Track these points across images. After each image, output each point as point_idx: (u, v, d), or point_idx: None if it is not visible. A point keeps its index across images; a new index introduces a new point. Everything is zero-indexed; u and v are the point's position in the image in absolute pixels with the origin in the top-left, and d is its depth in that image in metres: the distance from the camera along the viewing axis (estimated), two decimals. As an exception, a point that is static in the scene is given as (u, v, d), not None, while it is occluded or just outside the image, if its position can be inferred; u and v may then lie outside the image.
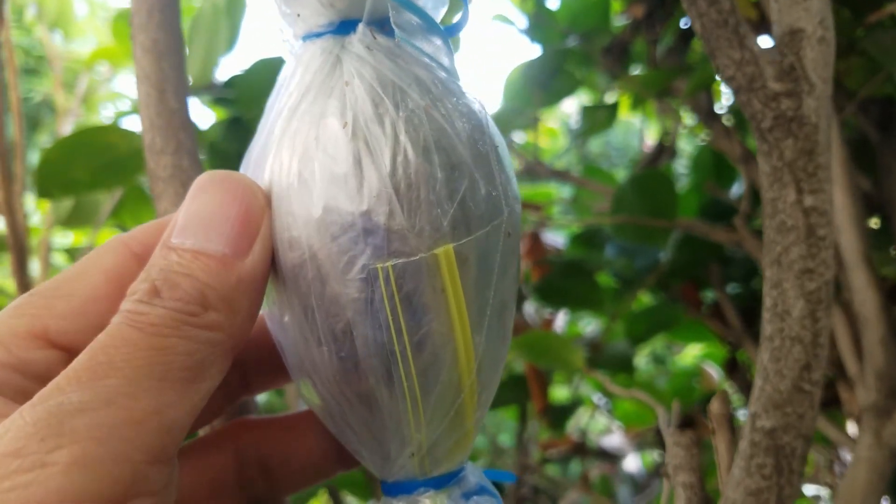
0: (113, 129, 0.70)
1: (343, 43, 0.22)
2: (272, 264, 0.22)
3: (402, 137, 0.21)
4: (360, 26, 0.22)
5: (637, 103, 0.77)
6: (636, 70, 0.86)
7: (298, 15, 0.22)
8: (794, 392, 0.32)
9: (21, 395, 0.22)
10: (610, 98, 0.87)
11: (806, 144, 0.33)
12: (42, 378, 0.22)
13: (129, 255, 0.25)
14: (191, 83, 0.85)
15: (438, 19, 0.24)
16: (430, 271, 0.21)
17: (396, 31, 0.22)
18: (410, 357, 0.21)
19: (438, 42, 0.23)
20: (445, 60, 0.23)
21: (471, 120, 0.22)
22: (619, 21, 0.85)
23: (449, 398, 0.22)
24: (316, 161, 0.21)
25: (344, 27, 0.22)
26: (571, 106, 1.33)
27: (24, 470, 0.18)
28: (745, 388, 0.88)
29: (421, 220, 0.20)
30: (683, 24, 0.71)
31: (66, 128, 0.95)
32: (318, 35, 0.22)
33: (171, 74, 0.34)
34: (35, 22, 0.98)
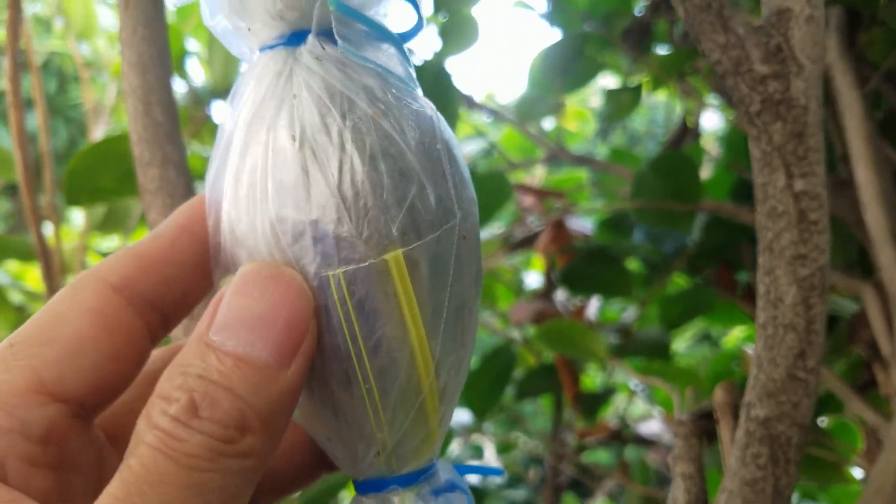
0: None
1: (294, 54, 0.22)
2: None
3: (349, 146, 0.21)
4: (310, 38, 0.22)
5: (657, 84, 0.75)
6: (660, 51, 0.84)
7: (249, 29, 0.23)
8: (789, 380, 0.32)
9: (27, 464, 0.22)
10: (634, 81, 0.86)
11: (795, 127, 0.32)
12: (45, 439, 0.22)
13: (109, 292, 0.23)
14: (213, 86, 0.86)
15: (393, 25, 0.24)
16: (381, 277, 0.21)
17: (340, 41, 0.22)
18: (367, 361, 0.22)
19: (391, 50, 0.23)
20: (399, 67, 0.23)
21: (420, 126, 0.22)
22: (638, 3, 0.84)
23: (409, 399, 0.22)
24: (267, 173, 0.21)
25: (295, 38, 0.23)
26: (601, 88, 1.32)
27: None
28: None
29: (370, 227, 0.21)
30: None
31: (97, 135, 0.98)
32: (271, 47, 0.23)
33: (156, 87, 0.34)
34: (63, 34, 1.00)
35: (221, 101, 0.90)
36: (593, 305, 0.97)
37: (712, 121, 0.99)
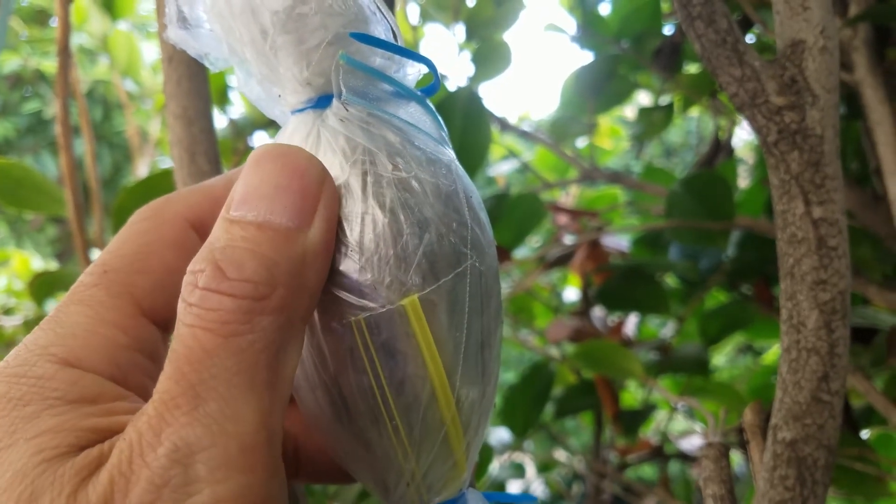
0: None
1: (321, 116, 0.24)
2: None
3: (371, 200, 0.23)
4: (334, 101, 0.24)
5: (687, 104, 0.76)
6: (690, 70, 0.85)
7: (280, 95, 0.25)
8: (813, 403, 0.33)
9: (147, 377, 0.23)
10: (665, 99, 0.86)
11: (812, 156, 0.33)
12: (153, 356, 0.23)
13: (186, 227, 0.25)
14: (253, 118, 0.89)
15: (413, 83, 0.26)
16: (402, 320, 0.23)
17: (363, 100, 0.24)
18: (391, 399, 0.23)
19: (414, 105, 0.25)
20: (423, 121, 0.25)
21: (439, 176, 0.24)
22: (668, 22, 0.84)
23: (433, 432, 0.24)
24: None
25: (322, 102, 0.24)
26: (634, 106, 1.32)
27: None
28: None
29: (390, 275, 0.22)
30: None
31: (143, 168, 1.02)
32: (301, 110, 0.25)
33: (200, 139, 0.37)
34: (108, 71, 1.04)
35: (262, 132, 0.93)
36: (631, 322, 0.98)
37: (747, 131, 0.99)
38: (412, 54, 0.25)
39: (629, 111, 1.44)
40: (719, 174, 0.71)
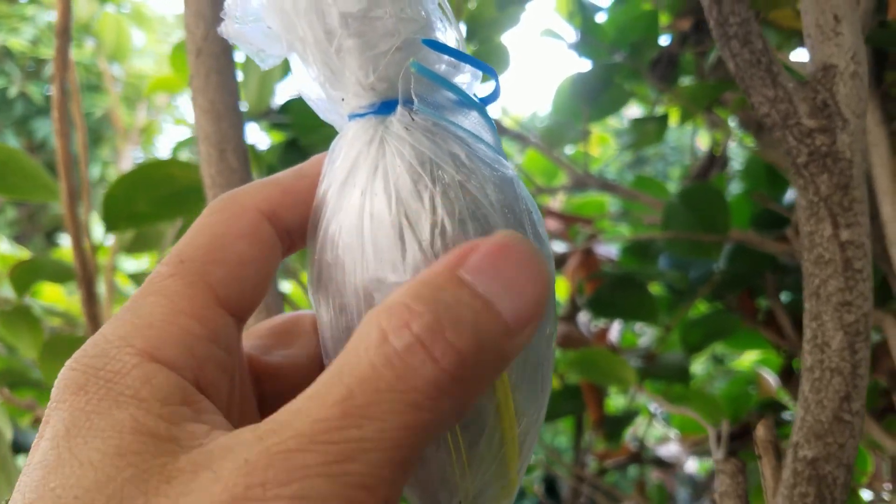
0: (172, 163, 0.74)
1: (385, 122, 0.24)
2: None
3: (440, 210, 0.22)
4: (399, 108, 0.24)
5: (685, 117, 0.77)
6: (685, 82, 0.86)
7: (343, 98, 0.24)
8: (835, 422, 0.33)
9: (221, 371, 0.23)
10: (659, 110, 0.87)
11: (841, 179, 0.34)
12: (228, 347, 0.23)
13: (261, 218, 0.25)
14: (247, 109, 0.88)
15: (472, 92, 0.26)
16: None
17: (427, 108, 0.23)
18: None
19: (475, 115, 0.25)
20: (483, 131, 0.25)
21: (503, 189, 0.24)
22: (666, 34, 0.85)
23: (493, 449, 0.24)
24: (364, 235, 0.23)
25: (385, 107, 0.24)
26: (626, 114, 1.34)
27: None
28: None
29: None
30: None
31: (126, 154, 1.00)
32: (362, 115, 0.24)
33: (230, 135, 0.36)
34: (95, 53, 1.02)
35: (255, 123, 0.92)
36: (615, 329, 0.99)
37: (740, 145, 1.00)
38: (477, 62, 0.25)
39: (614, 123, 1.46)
40: (716, 188, 0.72)
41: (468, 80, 0.26)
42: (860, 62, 0.35)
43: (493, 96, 0.26)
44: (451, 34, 0.25)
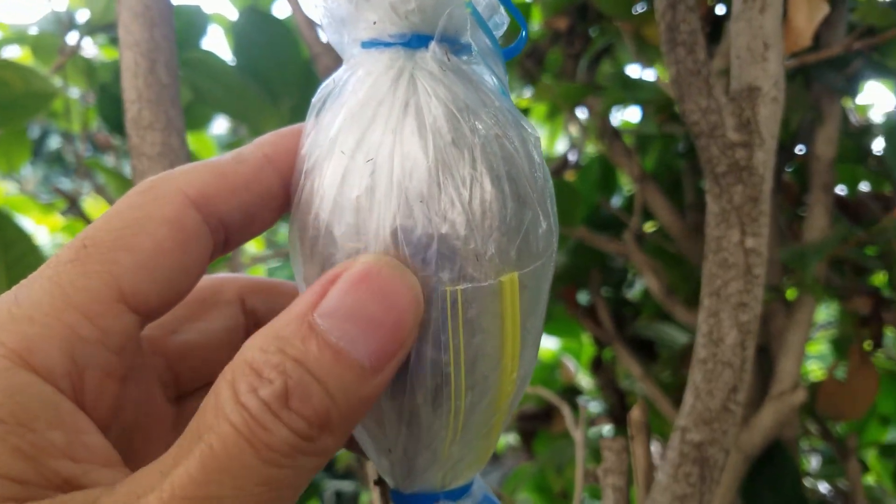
0: (5, 65, 0.65)
1: (415, 58, 0.22)
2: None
3: (480, 165, 0.21)
4: (433, 44, 0.22)
5: (554, 113, 0.80)
6: (546, 79, 0.89)
7: (374, 22, 0.22)
8: (723, 411, 0.36)
9: (104, 374, 0.21)
10: (520, 104, 0.90)
11: (753, 192, 0.37)
12: (120, 350, 0.21)
13: (188, 205, 0.23)
14: (89, 19, 0.80)
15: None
16: (493, 298, 0.21)
17: (475, 49, 0.22)
18: (463, 378, 0.22)
19: (501, 66, 0.24)
20: (506, 83, 0.24)
21: (529, 152, 0.23)
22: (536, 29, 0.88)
23: (488, 416, 0.23)
24: (393, 177, 0.21)
25: (415, 41, 0.22)
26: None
27: None
28: (607, 383, 0.95)
29: (492, 248, 0.21)
30: (601, 46, 0.75)
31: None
32: (385, 45, 0.22)
33: (163, 46, 0.32)
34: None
35: (91, 36, 0.83)
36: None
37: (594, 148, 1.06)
38: (514, 8, 0.24)
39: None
40: (571, 184, 0.75)
41: (501, 26, 0.24)
42: (780, 89, 0.38)
43: (518, 47, 0.25)
44: None
